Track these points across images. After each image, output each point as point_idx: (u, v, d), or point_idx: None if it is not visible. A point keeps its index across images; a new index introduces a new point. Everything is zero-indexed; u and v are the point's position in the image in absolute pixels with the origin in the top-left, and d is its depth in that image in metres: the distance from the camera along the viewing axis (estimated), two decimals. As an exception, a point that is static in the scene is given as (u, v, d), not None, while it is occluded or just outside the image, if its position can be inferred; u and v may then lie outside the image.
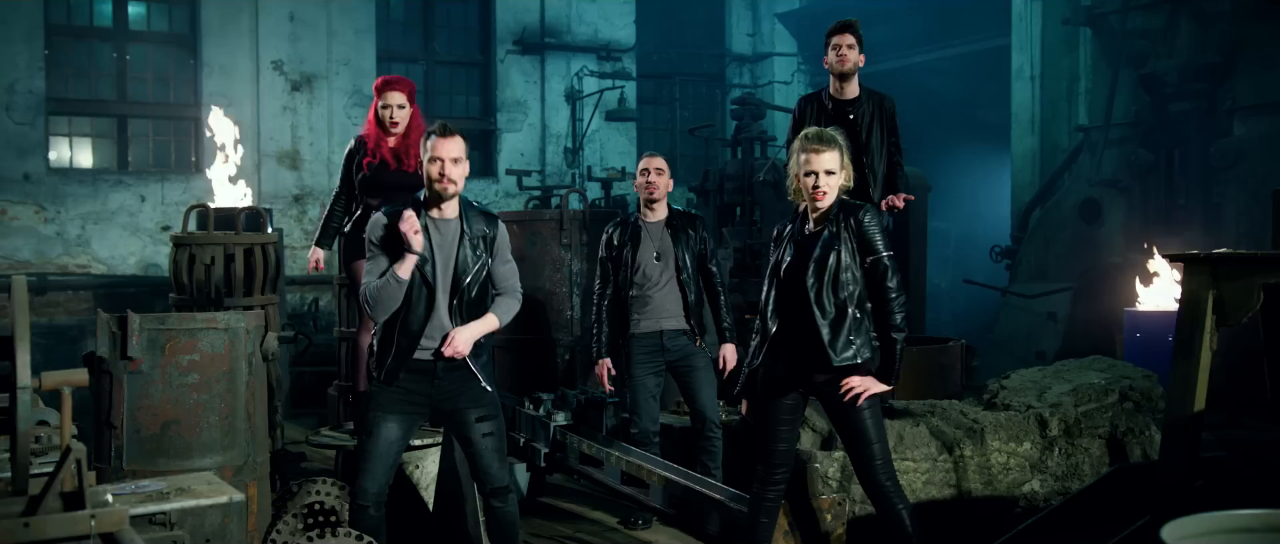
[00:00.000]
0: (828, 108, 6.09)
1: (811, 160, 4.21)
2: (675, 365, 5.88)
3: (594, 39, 14.60)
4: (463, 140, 4.36)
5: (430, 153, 4.30)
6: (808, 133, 4.29)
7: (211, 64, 12.56)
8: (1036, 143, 12.05)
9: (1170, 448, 4.05)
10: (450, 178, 4.30)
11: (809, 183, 4.22)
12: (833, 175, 4.21)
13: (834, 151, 4.22)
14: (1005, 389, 6.42)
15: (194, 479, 2.68)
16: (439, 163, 4.29)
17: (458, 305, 4.33)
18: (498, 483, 4.47)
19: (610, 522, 6.36)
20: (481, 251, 4.38)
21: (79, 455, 2.27)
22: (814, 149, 4.21)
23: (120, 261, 12.03)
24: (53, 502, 2.27)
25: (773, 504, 4.52)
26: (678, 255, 5.85)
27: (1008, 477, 5.80)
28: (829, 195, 4.22)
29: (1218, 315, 3.99)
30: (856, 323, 4.23)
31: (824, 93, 6.16)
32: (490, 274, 4.44)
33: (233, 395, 4.61)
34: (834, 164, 4.21)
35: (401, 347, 4.32)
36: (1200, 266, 4.04)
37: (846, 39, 5.92)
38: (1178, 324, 4.10)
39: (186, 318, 4.61)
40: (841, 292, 4.21)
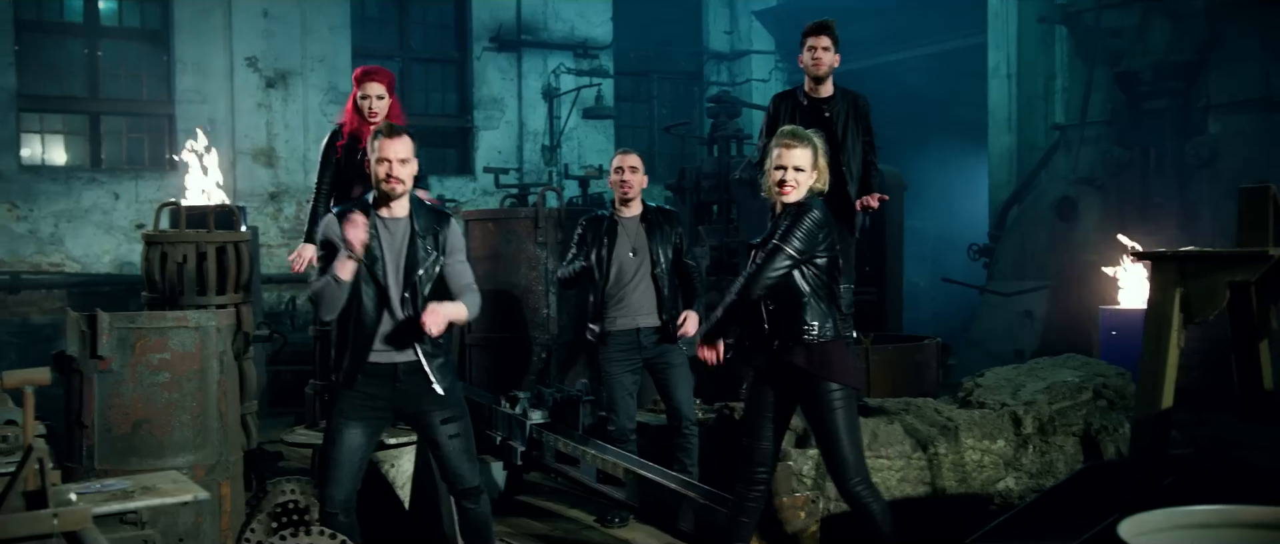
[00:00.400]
0: (803, 105, 6.10)
1: (783, 155, 4.21)
2: (652, 363, 5.88)
3: (571, 36, 14.57)
4: (410, 140, 4.33)
5: (377, 153, 4.27)
6: (784, 129, 4.30)
7: (184, 60, 12.47)
8: (1013, 141, 12.10)
9: (1139, 445, 4.07)
10: (398, 178, 4.27)
11: (776, 177, 4.22)
12: (802, 172, 4.21)
13: (807, 149, 4.21)
14: (980, 387, 6.43)
15: (160, 478, 2.65)
16: (387, 163, 4.26)
17: (410, 299, 4.28)
18: (468, 484, 4.45)
19: (587, 520, 6.35)
20: (432, 248, 4.34)
21: (41, 455, 2.24)
22: (787, 144, 4.22)
23: (94, 260, 11.93)
24: (15, 501, 2.25)
25: (754, 505, 4.50)
26: (653, 251, 5.84)
27: (982, 474, 5.82)
28: (795, 192, 4.22)
29: (1185, 313, 4.01)
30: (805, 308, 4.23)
31: (799, 90, 6.17)
32: (444, 273, 4.39)
33: (204, 394, 4.57)
34: (805, 162, 4.20)
35: (356, 348, 4.29)
36: (1167, 264, 4.07)
37: (822, 41, 5.92)
38: (1146, 322, 4.12)
39: (157, 316, 4.57)
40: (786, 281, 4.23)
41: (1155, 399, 3.97)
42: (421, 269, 4.29)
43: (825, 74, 5.98)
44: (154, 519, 2.94)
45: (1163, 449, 3.96)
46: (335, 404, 4.33)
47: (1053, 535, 4.30)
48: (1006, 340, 10.73)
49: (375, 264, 4.25)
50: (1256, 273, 3.80)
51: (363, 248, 4.14)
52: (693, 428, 5.84)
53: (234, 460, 4.74)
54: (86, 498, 2.43)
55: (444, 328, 4.20)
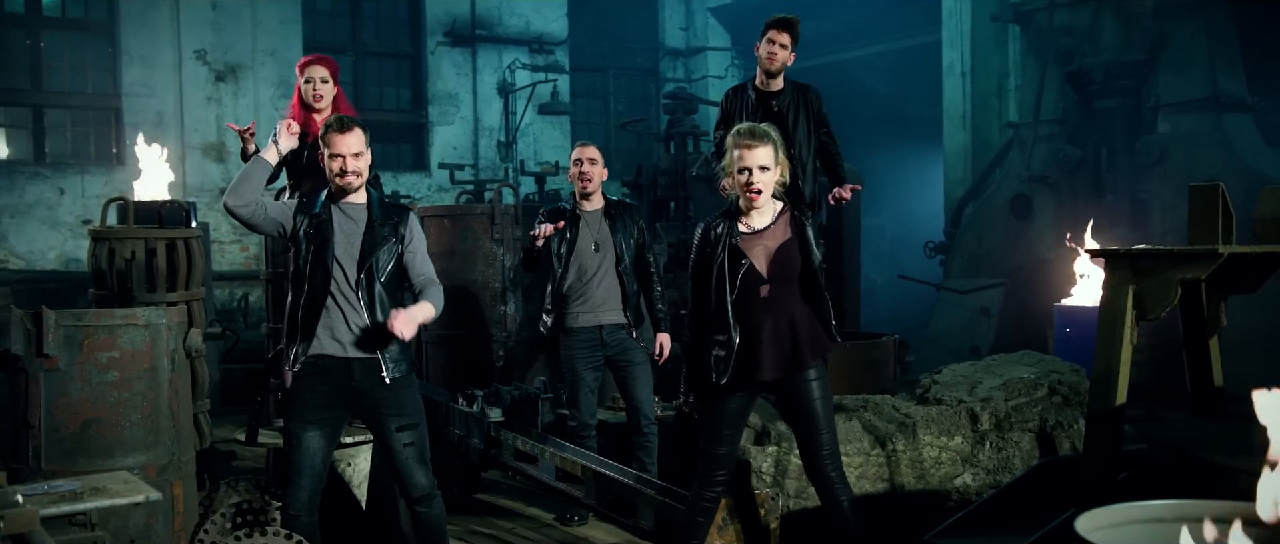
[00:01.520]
0: (751, 98, 6.10)
1: (744, 156, 4.14)
2: (613, 360, 5.84)
3: (526, 31, 14.49)
4: (362, 132, 4.26)
5: (330, 149, 4.20)
6: (740, 129, 4.23)
7: (131, 53, 12.26)
8: (968, 139, 12.20)
9: (1093, 441, 4.10)
10: (354, 171, 4.22)
11: (742, 179, 4.17)
12: (767, 171, 4.16)
13: (767, 146, 4.15)
14: (937, 384, 6.46)
15: (110, 479, 2.58)
16: (340, 159, 4.20)
17: (365, 281, 4.19)
18: (420, 491, 4.36)
19: (546, 518, 6.31)
20: (390, 235, 4.27)
21: (-12, 459, 2.16)
22: (746, 144, 4.13)
23: (39, 256, 11.69)
24: (-41, 506, 2.17)
25: (710, 506, 4.49)
26: (617, 245, 5.79)
27: (940, 470, 5.84)
28: (764, 192, 4.18)
29: (1138, 310, 4.04)
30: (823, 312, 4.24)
31: (749, 84, 6.17)
32: (406, 264, 4.31)
33: (155, 393, 4.49)
34: (768, 159, 4.15)
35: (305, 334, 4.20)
36: (1120, 262, 4.10)
37: (783, 37, 5.92)
38: (1100, 319, 4.15)
39: (105, 314, 4.48)
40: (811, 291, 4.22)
41: (1109, 396, 4.00)
42: (379, 251, 4.21)
43: (778, 70, 5.98)
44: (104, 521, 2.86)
45: (1117, 445, 3.99)
46: (292, 408, 4.24)
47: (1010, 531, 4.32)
48: (963, 337, 10.82)
49: (326, 248, 4.17)
50: (1207, 270, 3.83)
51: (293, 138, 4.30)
52: (652, 426, 5.82)
53: (186, 460, 4.66)
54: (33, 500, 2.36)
55: (414, 332, 4.13)
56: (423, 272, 4.36)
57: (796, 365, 4.25)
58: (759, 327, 4.25)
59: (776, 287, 4.25)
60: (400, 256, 4.29)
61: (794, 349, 4.25)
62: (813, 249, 4.25)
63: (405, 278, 4.35)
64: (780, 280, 4.26)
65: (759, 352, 4.25)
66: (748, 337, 4.26)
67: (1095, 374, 4.04)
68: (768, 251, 4.25)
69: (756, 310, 4.27)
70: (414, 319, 4.10)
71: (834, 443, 4.30)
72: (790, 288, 4.26)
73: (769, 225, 4.26)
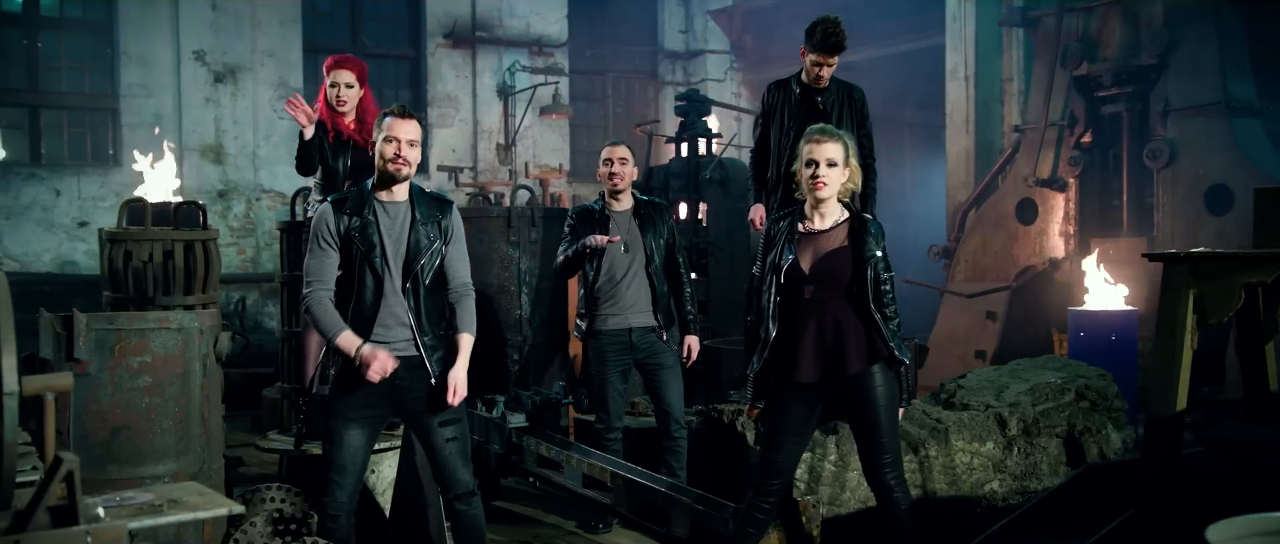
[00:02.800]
0: (795, 93, 6.03)
1: (813, 149, 4.13)
2: (643, 363, 5.75)
3: (526, 33, 14.40)
4: (419, 124, 4.22)
5: (386, 133, 4.14)
6: (813, 127, 4.23)
7: (129, 53, 12.11)
8: (970, 142, 12.17)
9: (1152, 445, 4.05)
10: (405, 159, 4.15)
11: (808, 173, 4.14)
12: (835, 167, 4.13)
13: (838, 144, 4.15)
14: (962, 388, 6.41)
15: (182, 489, 2.49)
16: (395, 143, 4.13)
17: (411, 288, 4.14)
18: (463, 488, 4.32)
19: (568, 525, 6.21)
20: (435, 235, 4.21)
21: (72, 466, 2.07)
22: (816, 139, 4.15)
23: (34, 259, 11.52)
24: (41, 517, 2.07)
25: (764, 517, 4.40)
26: (646, 246, 5.71)
27: (972, 477, 5.78)
28: (829, 187, 4.14)
29: (1198, 314, 4.00)
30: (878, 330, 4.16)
31: (794, 79, 6.10)
32: (444, 262, 4.24)
33: (186, 398, 4.39)
34: (837, 155, 4.14)
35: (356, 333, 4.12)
36: (1180, 266, 4.05)
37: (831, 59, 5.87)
38: (1158, 323, 4.10)
39: (137, 317, 4.37)
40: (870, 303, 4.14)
41: (1169, 400, 3.95)
42: (424, 257, 4.14)
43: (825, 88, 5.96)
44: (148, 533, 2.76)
45: (1177, 449, 3.95)
46: (333, 406, 4.15)
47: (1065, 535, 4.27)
48: (967, 341, 10.78)
49: (372, 251, 4.09)
50: (1273, 274, 3.78)
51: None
52: (682, 431, 5.73)
53: (216, 468, 4.56)
54: (113, 512, 2.26)
55: (461, 393, 4.20)
56: (459, 275, 4.30)
57: (838, 370, 4.19)
58: (802, 327, 4.23)
59: (821, 290, 4.21)
60: (443, 255, 4.22)
61: (837, 354, 4.19)
62: (869, 262, 4.18)
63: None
64: (825, 284, 4.21)
65: (799, 353, 4.23)
66: (789, 336, 4.25)
67: (1154, 378, 3.99)
68: (817, 253, 4.23)
69: (800, 311, 4.25)
70: (463, 374, 4.20)
71: (896, 448, 4.25)
72: (837, 293, 4.21)
73: (828, 229, 4.23)
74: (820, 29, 5.85)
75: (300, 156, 5.55)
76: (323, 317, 4.06)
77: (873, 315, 4.18)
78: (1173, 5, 9.76)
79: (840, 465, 5.55)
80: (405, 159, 4.14)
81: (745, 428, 5.78)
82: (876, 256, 4.20)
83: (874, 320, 4.18)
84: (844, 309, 4.20)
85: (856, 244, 4.20)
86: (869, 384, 4.21)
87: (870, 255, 4.18)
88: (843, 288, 4.21)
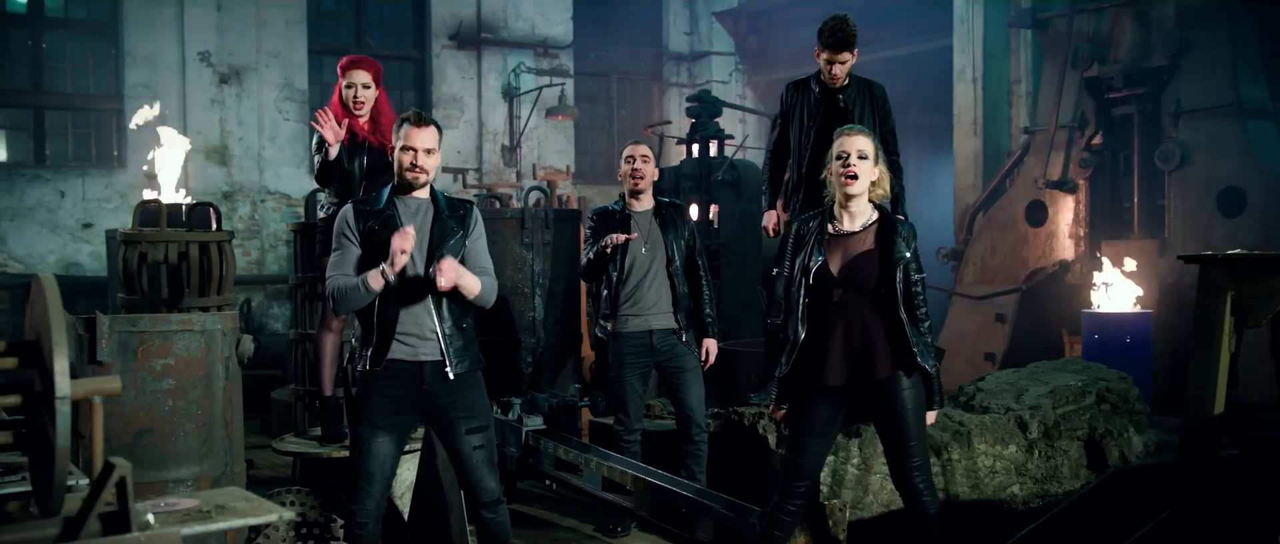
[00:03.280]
0: (815, 92, 5.98)
1: (845, 142, 4.11)
2: (663, 366, 5.70)
3: (531, 35, 14.35)
4: (437, 130, 4.18)
5: (403, 141, 4.11)
6: (842, 127, 4.20)
7: (134, 54, 12.05)
8: (979, 144, 12.14)
9: (1189, 448, 4.01)
10: (422, 167, 4.13)
11: (839, 166, 4.10)
12: (866, 159, 4.10)
13: (867, 139, 4.13)
14: (982, 391, 6.36)
15: (227, 495, 2.44)
16: (412, 153, 4.11)
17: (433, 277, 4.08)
18: (489, 496, 4.27)
19: (586, 529, 6.16)
20: (457, 227, 4.17)
21: (124, 472, 2.02)
22: (846, 133, 4.14)
23: (38, 260, 11.45)
24: (93, 524, 2.02)
25: (790, 519, 4.35)
26: (667, 246, 5.66)
27: (994, 480, 5.74)
28: (861, 179, 4.10)
29: (1236, 317, 3.96)
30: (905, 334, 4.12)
31: (812, 78, 6.05)
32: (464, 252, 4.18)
33: (210, 401, 4.34)
34: (868, 149, 4.10)
35: (382, 333, 4.09)
36: (1218, 268, 4.01)
37: (842, 56, 5.80)
38: (1195, 326, 4.06)
39: (160, 319, 4.32)
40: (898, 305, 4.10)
41: (1207, 403, 3.91)
42: (446, 246, 4.09)
43: (842, 86, 5.91)
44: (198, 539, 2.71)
45: (1215, 452, 3.91)
46: (360, 412, 4.10)
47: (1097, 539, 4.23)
48: (976, 344, 10.75)
49: None
50: (1313, 276, 3.75)
51: (399, 269, 3.92)
52: (703, 434, 5.68)
53: (238, 472, 4.51)
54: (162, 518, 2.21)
55: (453, 282, 3.97)
56: (479, 263, 4.24)
57: (866, 374, 4.16)
58: (830, 330, 4.20)
59: (849, 292, 4.17)
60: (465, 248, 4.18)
61: (865, 358, 4.16)
62: (898, 264, 4.13)
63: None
64: (853, 287, 4.17)
65: (826, 355, 4.19)
66: (817, 338, 4.22)
67: (1191, 381, 3.95)
68: (846, 255, 4.19)
69: (828, 313, 4.21)
70: (457, 271, 3.98)
71: (923, 453, 4.20)
72: (865, 297, 4.17)
73: (857, 231, 4.19)
74: (829, 26, 5.82)
75: (322, 171, 5.49)
76: (343, 284, 4.01)
77: (901, 319, 4.14)
78: (1184, 6, 9.74)
79: (863, 469, 5.51)
80: (422, 167, 4.12)
81: (767, 430, 5.73)
82: (905, 258, 4.15)
83: (902, 324, 4.14)
84: (873, 312, 4.16)
85: (884, 246, 4.15)
86: (896, 388, 4.17)
87: (899, 257, 4.14)
88: (871, 291, 4.16)
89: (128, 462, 2.03)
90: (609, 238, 5.61)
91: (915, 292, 4.17)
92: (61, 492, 2.02)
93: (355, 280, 3.97)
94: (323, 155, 5.41)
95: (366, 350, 4.12)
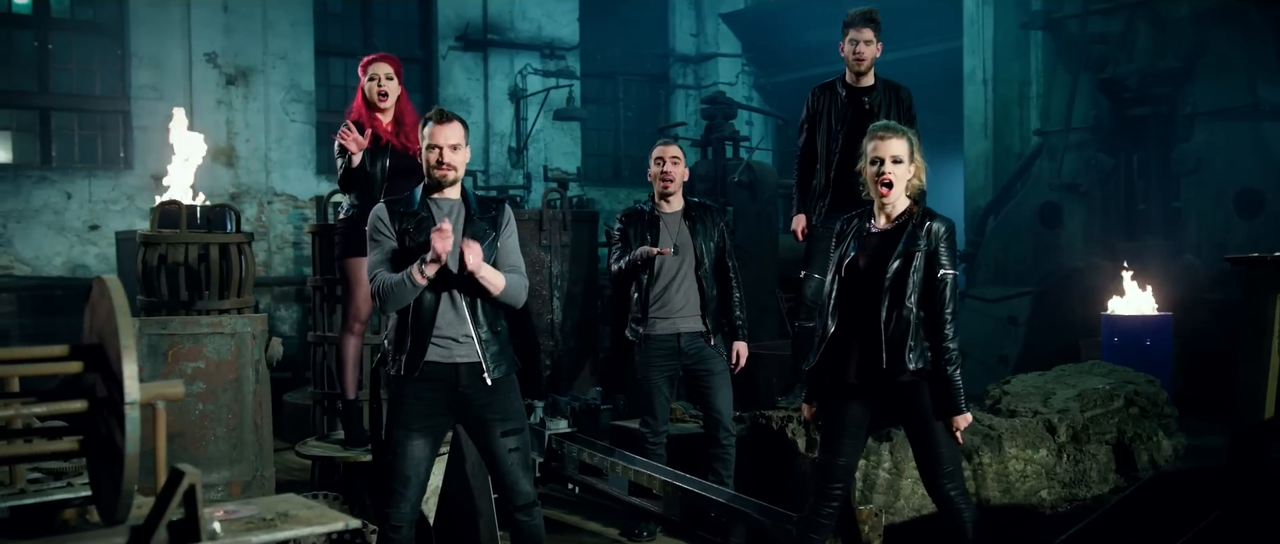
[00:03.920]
0: (841, 96, 5.94)
1: (878, 146, 4.04)
2: (691, 369, 5.63)
3: (537, 36, 14.29)
4: (462, 126, 4.12)
5: (428, 140, 4.07)
6: (875, 124, 4.12)
7: (140, 55, 11.94)
8: (989, 147, 12.10)
9: (1238, 452, 3.96)
10: (450, 164, 4.07)
11: (873, 171, 4.04)
12: (900, 163, 4.03)
13: (902, 140, 4.05)
14: (1008, 394, 6.32)
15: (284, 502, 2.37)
16: (437, 151, 4.06)
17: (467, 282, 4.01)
18: (524, 499, 4.22)
19: (611, 533, 6.10)
20: (490, 229, 4.12)
21: (194, 480, 1.95)
22: (879, 135, 4.06)
23: (45, 262, 11.36)
24: (161, 534, 1.96)
25: (827, 523, 4.29)
26: (697, 249, 5.59)
27: (1025, 484, 5.69)
28: (896, 187, 4.04)
29: (1286, 319, 3.91)
30: (919, 331, 4.05)
31: (838, 81, 6.01)
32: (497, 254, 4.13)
33: (240, 405, 4.28)
34: (902, 151, 4.03)
35: (417, 340, 4.04)
36: (1265, 270, 3.96)
37: (865, 33, 5.78)
38: (1242, 329, 4.01)
39: (191, 322, 4.26)
40: (908, 298, 4.02)
41: (1256, 407, 3.86)
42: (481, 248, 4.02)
43: (867, 68, 5.84)
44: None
45: (1265, 455, 3.86)
46: (395, 416, 4.04)
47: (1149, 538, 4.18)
48: (989, 347, 10.70)
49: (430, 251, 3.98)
50: (1365, 277, 3.70)
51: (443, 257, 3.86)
52: (731, 438, 5.61)
53: (268, 476, 4.44)
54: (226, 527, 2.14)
55: (477, 262, 3.91)
56: (509, 261, 4.18)
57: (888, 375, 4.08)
58: (855, 327, 4.14)
59: (873, 289, 4.11)
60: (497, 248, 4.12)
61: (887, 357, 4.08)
62: (919, 262, 4.05)
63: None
64: (877, 284, 4.10)
65: (850, 353, 4.15)
66: (845, 335, 4.16)
67: (1240, 385, 3.90)
68: (875, 252, 4.13)
69: (855, 310, 4.14)
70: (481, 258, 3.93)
71: (955, 458, 4.13)
72: (888, 293, 4.10)
73: (890, 229, 4.12)
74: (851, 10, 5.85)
75: (345, 177, 5.43)
76: (389, 281, 3.97)
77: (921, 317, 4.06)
78: (1199, 7, 9.71)
79: (894, 473, 5.45)
80: (449, 164, 4.07)
81: (796, 434, 5.67)
82: (927, 255, 4.04)
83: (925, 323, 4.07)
84: (896, 310, 4.08)
85: (910, 242, 4.08)
86: (919, 392, 4.10)
87: (918, 253, 4.03)
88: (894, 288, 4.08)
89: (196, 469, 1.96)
90: (640, 251, 5.53)
91: (939, 290, 4.07)
92: (129, 500, 1.95)
93: (399, 276, 3.92)
94: (345, 161, 5.35)
95: (401, 355, 4.06)
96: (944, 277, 4.07)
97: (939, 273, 4.06)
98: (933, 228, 4.07)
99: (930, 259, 4.05)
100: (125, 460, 1.91)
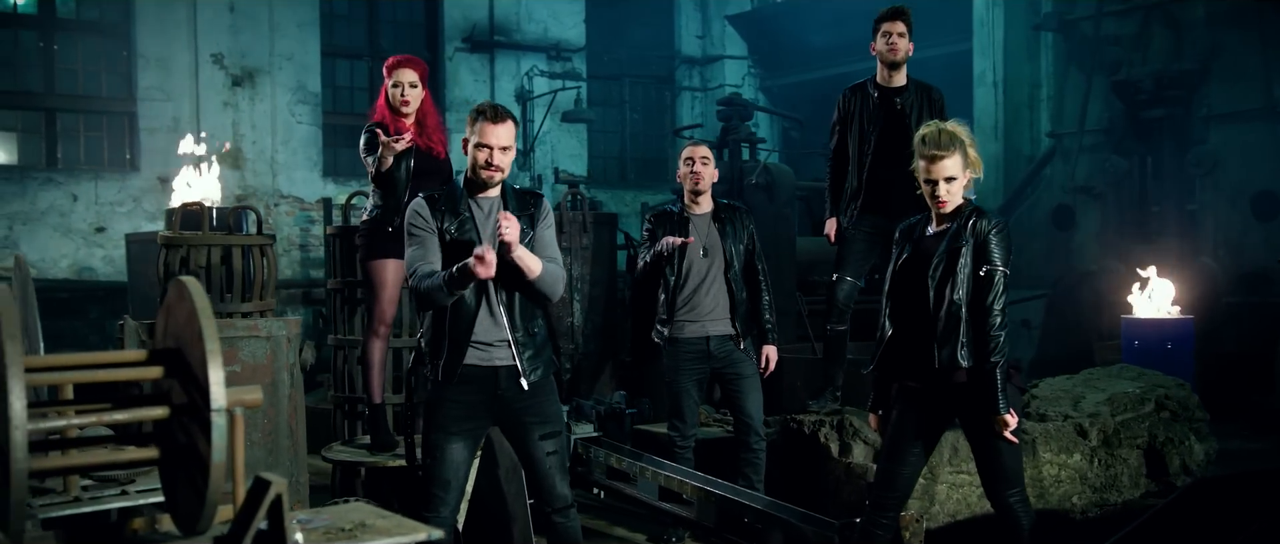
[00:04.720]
0: (873, 97, 5.88)
1: (930, 169, 3.98)
2: (721, 373, 5.57)
3: (544, 38, 14.22)
4: (515, 124, 4.01)
5: (478, 138, 3.94)
6: (925, 135, 4.03)
7: (146, 56, 11.85)
8: (1000, 149, 12.06)
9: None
10: (498, 166, 3.97)
11: (928, 190, 4.02)
12: (954, 181, 3.98)
13: (954, 156, 3.97)
14: (1037, 398, 6.27)
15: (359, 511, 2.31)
16: (487, 151, 3.94)
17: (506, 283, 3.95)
18: (561, 502, 4.18)
19: (638, 538, 6.03)
20: (528, 227, 4.02)
21: (280, 490, 1.89)
22: (930, 156, 3.97)
23: (51, 265, 11.26)
24: (247, 546, 1.89)
25: (883, 535, 4.23)
26: (726, 251, 5.53)
27: (1059, 489, 5.65)
28: (950, 203, 4.01)
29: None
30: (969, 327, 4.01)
31: (869, 83, 5.96)
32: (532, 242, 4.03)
33: (276, 410, 4.21)
34: (955, 169, 3.97)
35: (454, 340, 3.97)
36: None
37: (898, 26, 5.73)
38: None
39: (226, 324, 4.18)
40: (955, 295, 3.97)
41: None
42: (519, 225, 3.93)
43: (902, 61, 5.80)
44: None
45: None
46: (432, 419, 3.98)
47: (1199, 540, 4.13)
48: (1002, 349, 10.64)
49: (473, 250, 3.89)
50: None
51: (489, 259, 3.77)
52: (761, 442, 5.55)
53: (303, 481, 4.37)
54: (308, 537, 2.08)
55: (515, 235, 3.83)
56: (546, 253, 4.08)
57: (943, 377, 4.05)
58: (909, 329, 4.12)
59: (919, 289, 4.08)
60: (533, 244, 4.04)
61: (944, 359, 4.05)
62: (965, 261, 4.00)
63: None
64: (923, 285, 4.08)
65: (906, 357, 4.13)
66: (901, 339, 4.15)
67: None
68: (926, 253, 4.11)
69: (908, 311, 4.12)
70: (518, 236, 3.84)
71: (1016, 464, 4.09)
72: (936, 294, 4.06)
73: (942, 231, 4.08)
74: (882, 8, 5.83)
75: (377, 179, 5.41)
76: (429, 284, 3.86)
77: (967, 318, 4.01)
78: (1215, 10, 9.69)
79: (929, 478, 5.40)
80: (498, 166, 3.97)
81: (829, 439, 5.62)
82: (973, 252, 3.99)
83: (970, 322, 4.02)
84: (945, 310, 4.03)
85: (955, 239, 4.04)
86: (975, 396, 4.06)
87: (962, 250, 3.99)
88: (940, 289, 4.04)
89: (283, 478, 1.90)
90: (665, 241, 5.49)
91: (985, 289, 3.99)
92: (213, 511, 1.89)
93: (437, 281, 3.83)
94: (376, 160, 5.28)
95: (439, 359, 3.99)
96: (988, 271, 4.01)
97: (984, 268, 4.01)
98: (979, 224, 4.03)
99: (978, 253, 4.00)
100: (211, 469, 1.85)
